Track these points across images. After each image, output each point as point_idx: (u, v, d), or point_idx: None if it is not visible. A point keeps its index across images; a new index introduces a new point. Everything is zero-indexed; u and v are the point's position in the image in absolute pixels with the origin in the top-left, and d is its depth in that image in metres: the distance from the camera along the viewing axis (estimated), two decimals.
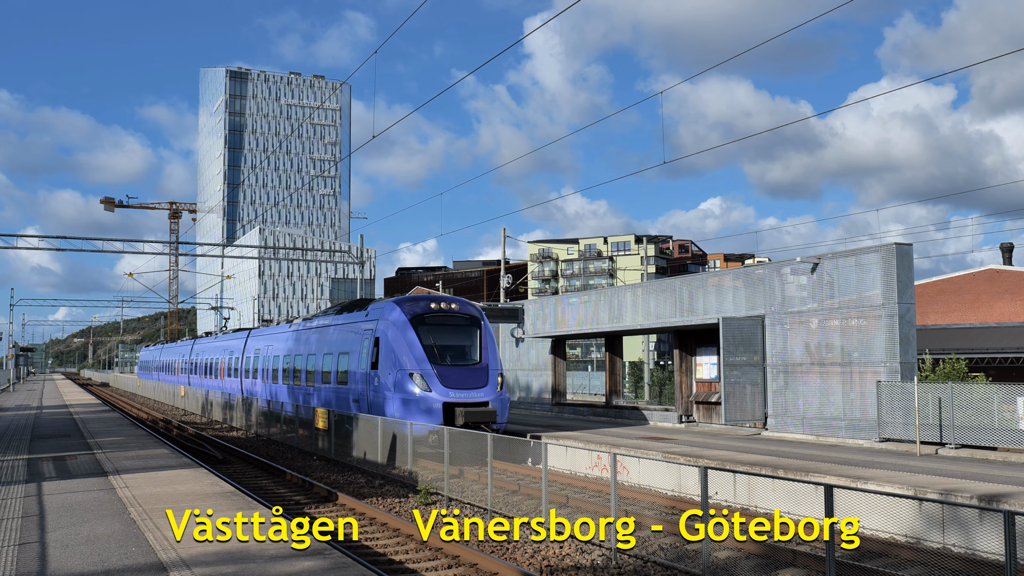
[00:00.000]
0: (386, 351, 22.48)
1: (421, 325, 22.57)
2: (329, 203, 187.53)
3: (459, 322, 23.47)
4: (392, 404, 21.83)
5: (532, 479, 19.38)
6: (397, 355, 22.08)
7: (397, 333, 22.44)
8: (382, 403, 22.22)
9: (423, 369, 21.69)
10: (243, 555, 9.14)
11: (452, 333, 23.17)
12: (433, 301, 23.50)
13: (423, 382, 21.49)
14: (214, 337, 48.66)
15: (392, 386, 21.95)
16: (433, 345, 22.34)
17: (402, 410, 21.47)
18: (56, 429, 26.19)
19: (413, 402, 21.38)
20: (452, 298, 24.35)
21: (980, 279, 45.89)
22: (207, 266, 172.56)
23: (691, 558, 11.79)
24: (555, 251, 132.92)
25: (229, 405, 37.02)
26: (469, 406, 21.36)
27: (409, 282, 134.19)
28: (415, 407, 21.28)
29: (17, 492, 13.65)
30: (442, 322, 23.17)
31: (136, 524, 10.89)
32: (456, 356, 22.73)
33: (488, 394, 21.97)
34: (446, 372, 21.86)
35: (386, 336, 22.67)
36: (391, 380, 22.06)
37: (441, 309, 23.37)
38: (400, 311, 22.87)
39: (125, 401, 60.43)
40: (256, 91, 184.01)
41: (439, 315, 23.21)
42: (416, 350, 21.98)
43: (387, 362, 22.30)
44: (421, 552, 12.56)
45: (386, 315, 23.16)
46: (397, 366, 21.97)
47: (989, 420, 18.96)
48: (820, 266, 22.67)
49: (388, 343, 22.51)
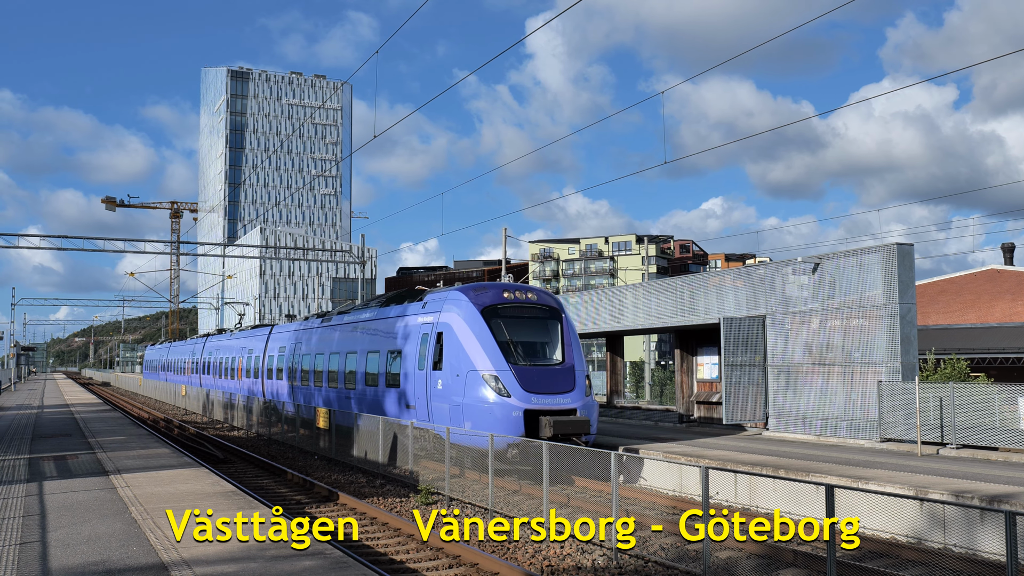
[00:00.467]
0: (452, 349, 19.38)
1: (494, 318, 19.37)
2: (330, 203, 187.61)
3: (537, 314, 20.22)
4: (459, 411, 18.76)
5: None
6: (467, 353, 18.92)
7: (466, 327, 19.27)
8: (446, 409, 19.22)
9: (499, 370, 18.48)
10: (244, 555, 9.15)
11: (530, 327, 20.01)
12: (506, 290, 20.35)
13: (499, 385, 18.32)
14: (228, 334, 45.62)
15: (460, 390, 18.84)
16: (509, 341, 19.10)
17: (472, 418, 18.39)
18: (57, 428, 26.22)
19: (486, 409, 18.18)
20: (527, 286, 21.21)
21: (981, 279, 45.88)
22: (208, 265, 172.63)
23: (692, 558, 11.79)
24: (556, 251, 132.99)
25: (230, 405, 36.99)
26: (555, 414, 18.28)
27: (410, 282, 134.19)
28: (488, 415, 18.13)
29: (18, 491, 13.66)
30: (517, 314, 19.96)
31: (137, 524, 10.90)
32: (536, 355, 19.62)
33: (576, 399, 18.80)
34: (526, 374, 18.67)
35: (451, 331, 19.55)
36: (458, 383, 18.97)
37: (516, 300, 20.17)
38: (469, 301, 19.69)
39: (126, 400, 60.46)
40: (257, 91, 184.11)
41: (514, 306, 20.04)
42: (490, 347, 18.75)
43: (453, 361, 19.21)
44: (422, 552, 12.56)
45: (451, 306, 19.98)
46: (466, 366, 18.83)
47: (990, 420, 18.95)
48: (821, 266, 22.66)
49: (454, 339, 19.40)
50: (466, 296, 19.93)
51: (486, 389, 18.34)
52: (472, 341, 18.99)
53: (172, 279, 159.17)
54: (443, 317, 20.04)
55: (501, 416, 18.00)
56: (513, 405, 18.09)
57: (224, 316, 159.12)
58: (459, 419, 18.65)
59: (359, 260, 47.65)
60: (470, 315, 19.47)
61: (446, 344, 19.61)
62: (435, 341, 20.00)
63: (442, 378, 19.52)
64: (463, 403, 18.63)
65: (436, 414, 19.58)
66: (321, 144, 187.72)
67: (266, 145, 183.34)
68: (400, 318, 22.55)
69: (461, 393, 18.77)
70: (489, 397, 18.26)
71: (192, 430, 31.96)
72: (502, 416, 17.99)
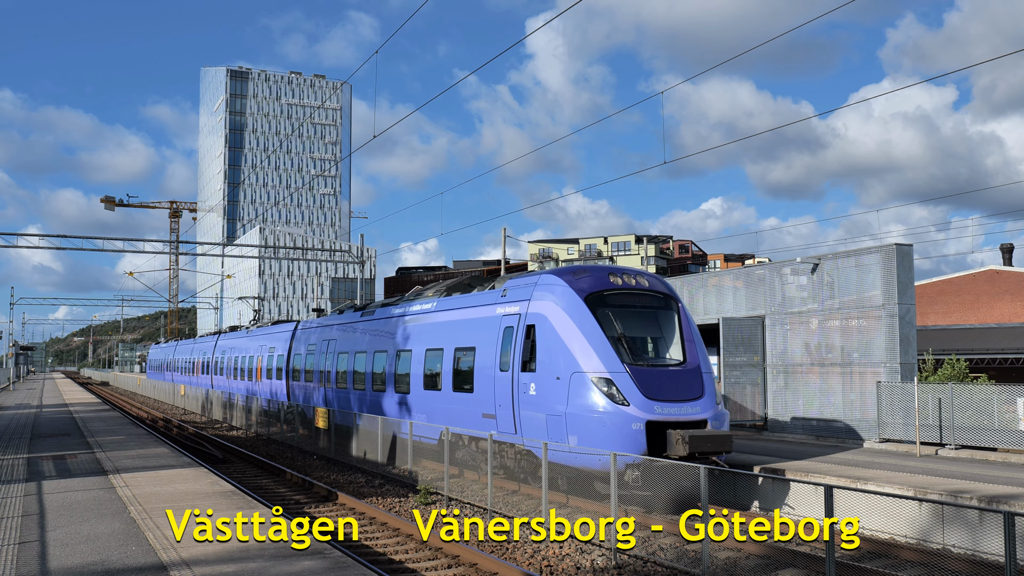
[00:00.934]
0: (548, 345, 16.16)
1: (600, 307, 16.21)
2: (329, 202, 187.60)
3: (651, 303, 17.08)
4: (560, 423, 15.51)
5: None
6: (569, 351, 15.69)
7: (566, 319, 16.04)
8: (540, 420, 15.96)
9: (613, 372, 15.26)
10: (243, 555, 9.14)
11: (643, 319, 16.90)
12: (611, 273, 17.16)
13: (614, 390, 15.06)
14: (244, 332, 41.49)
15: (561, 396, 15.60)
16: (621, 336, 15.94)
17: (579, 431, 15.16)
18: (56, 428, 26.20)
19: (596, 420, 14.94)
20: (636, 269, 18.01)
21: (980, 280, 45.91)
22: (207, 265, 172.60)
23: (692, 558, 11.79)
24: (555, 251, 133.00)
25: (230, 404, 36.96)
26: (684, 426, 15.23)
27: (409, 281, 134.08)
28: (599, 428, 14.92)
29: (17, 491, 13.65)
30: (628, 303, 16.79)
31: (136, 523, 10.89)
32: (653, 353, 16.64)
33: (706, 408, 15.64)
34: (646, 376, 15.44)
35: (547, 324, 16.33)
36: (558, 388, 15.71)
37: (626, 285, 16.97)
38: (568, 287, 16.46)
39: (125, 400, 60.44)
40: (257, 90, 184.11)
41: (623, 293, 16.85)
42: (599, 344, 15.56)
43: (551, 361, 16.00)
44: (421, 552, 12.56)
45: (544, 293, 16.84)
46: (569, 367, 15.57)
47: (989, 421, 18.97)
48: (820, 266, 22.67)
49: (551, 334, 16.18)
50: (564, 281, 16.70)
51: (597, 395, 15.11)
52: (576, 336, 15.77)
53: (171, 279, 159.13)
54: (534, 307, 16.85)
55: (617, 429, 14.78)
56: (632, 415, 14.85)
57: (224, 315, 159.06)
58: (559, 432, 15.45)
59: (358, 260, 47.64)
60: (571, 304, 16.19)
61: (540, 340, 16.38)
62: (523, 336, 16.76)
63: (535, 382, 16.25)
64: (566, 413, 15.36)
65: (527, 425, 16.32)
66: (320, 144, 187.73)
67: (265, 145, 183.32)
68: (469, 309, 19.39)
69: (563, 400, 15.53)
70: (601, 405, 15.02)
71: (191, 430, 31.95)
72: (618, 429, 14.78)
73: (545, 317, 16.43)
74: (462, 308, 19.76)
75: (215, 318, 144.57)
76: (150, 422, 37.13)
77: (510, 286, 18.22)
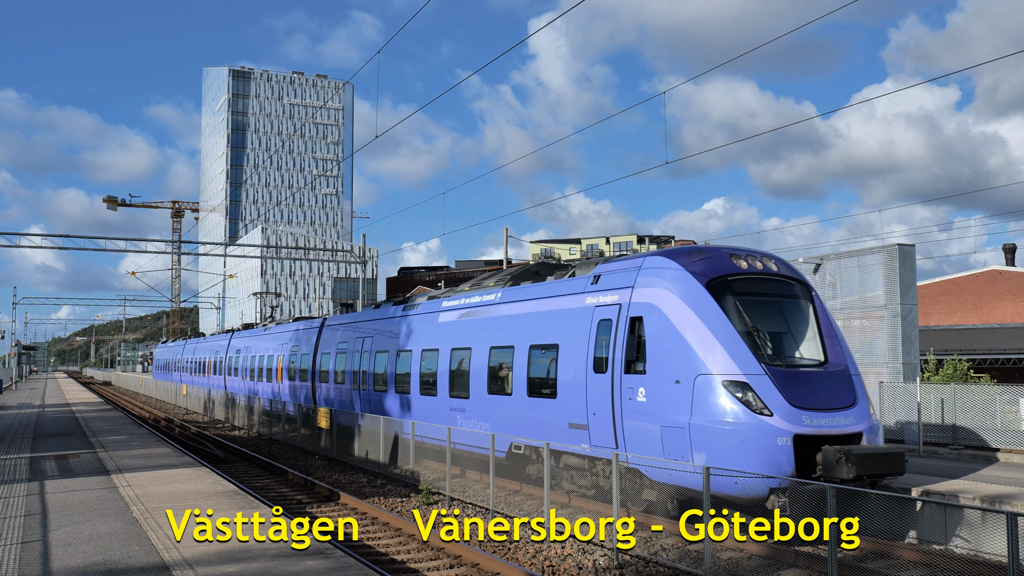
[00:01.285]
0: (663, 342, 13.45)
1: (725, 295, 13.56)
2: (332, 202, 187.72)
3: (782, 290, 14.44)
4: (680, 437, 12.91)
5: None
6: (691, 348, 13.03)
7: (685, 310, 13.33)
8: (653, 433, 13.32)
9: (750, 374, 12.63)
10: (246, 555, 9.15)
11: (775, 310, 14.17)
12: (734, 254, 14.38)
13: (751, 397, 12.43)
14: (262, 330, 38.29)
15: (682, 403, 12.94)
16: (753, 331, 13.31)
17: (708, 446, 12.55)
18: (58, 428, 26.23)
19: (730, 433, 12.35)
20: (762, 252, 15.01)
21: (983, 280, 45.85)
22: (209, 265, 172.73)
23: (694, 558, 11.78)
24: (557, 251, 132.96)
25: (232, 404, 36.99)
26: (839, 441, 12.70)
27: (411, 281, 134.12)
28: (734, 442, 12.32)
29: (20, 491, 13.67)
30: (757, 291, 14.15)
31: (138, 523, 10.90)
32: (792, 351, 13.82)
33: (861, 419, 13.05)
34: (789, 379, 12.81)
35: (659, 316, 13.60)
36: (678, 394, 13.02)
37: (752, 269, 14.22)
38: (686, 272, 13.72)
39: (127, 400, 60.50)
40: (259, 90, 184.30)
41: (751, 279, 14.17)
42: (730, 340, 12.90)
43: (667, 361, 13.32)
44: (423, 552, 12.57)
45: (654, 278, 14.07)
46: (693, 368, 12.93)
47: (992, 421, 18.95)
48: (822, 267, 22.65)
49: (667, 328, 13.44)
50: (678, 263, 13.95)
51: (730, 402, 12.46)
52: (699, 330, 13.10)
53: (173, 278, 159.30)
54: (641, 295, 14.14)
55: (757, 444, 12.18)
56: (776, 427, 12.19)
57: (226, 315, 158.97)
58: (679, 447, 12.93)
59: (360, 260, 47.69)
60: (691, 291, 13.49)
61: (651, 335, 13.65)
62: (626, 331, 14.10)
63: (645, 386, 13.54)
64: (690, 424, 12.77)
65: (632, 438, 13.76)
66: (323, 144, 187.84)
67: (267, 145, 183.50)
68: (548, 300, 16.73)
69: (683, 408, 12.92)
70: (736, 415, 12.38)
71: (193, 430, 31.98)
72: (758, 444, 12.17)
73: (657, 308, 13.69)
74: (537, 299, 17.09)
75: (217, 318, 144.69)
76: (152, 422, 37.17)
77: (604, 272, 15.48)
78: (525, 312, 17.29)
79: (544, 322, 16.52)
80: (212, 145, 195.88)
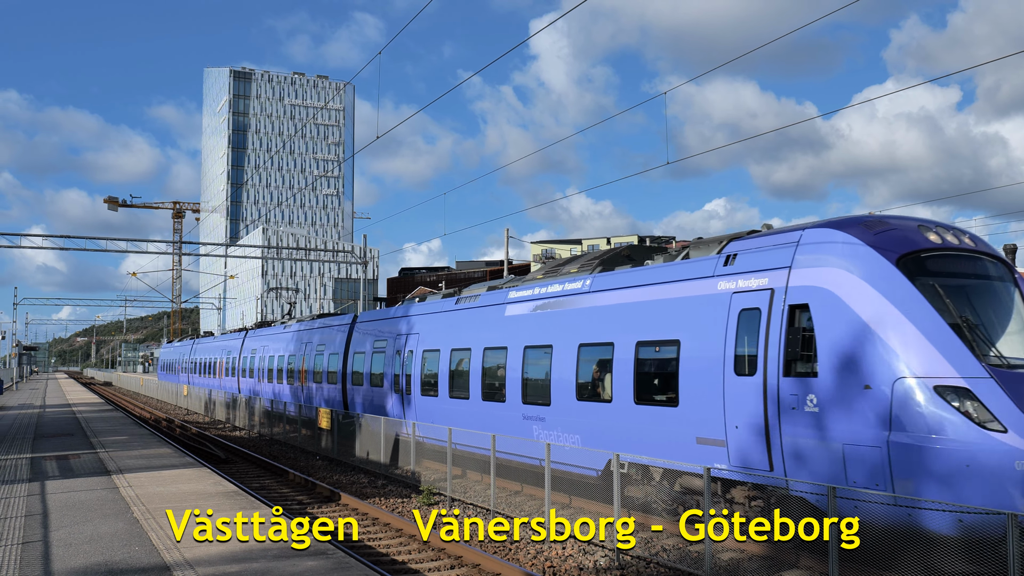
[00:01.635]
0: (842, 336, 10.80)
1: (921, 277, 10.93)
2: (332, 203, 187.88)
3: (985, 271, 11.80)
4: (875, 457, 10.27)
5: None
6: (885, 344, 10.40)
7: (872, 295, 10.76)
8: (834, 451, 10.63)
9: (969, 376, 10.04)
10: (247, 555, 9.15)
11: (980, 296, 11.48)
12: (922, 226, 11.80)
13: (972, 407, 9.87)
14: (280, 328, 35.32)
15: (876, 416, 10.28)
16: (963, 322, 10.69)
17: (914, 470, 9.98)
18: (59, 428, 26.25)
19: (948, 454, 9.75)
20: (952, 225, 12.33)
21: None
22: (210, 266, 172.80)
23: (694, 559, 11.78)
24: (558, 251, 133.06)
25: (233, 404, 37.01)
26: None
27: (412, 282, 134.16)
28: (955, 466, 9.75)
29: (20, 491, 13.68)
30: (956, 270, 11.51)
31: (139, 523, 10.91)
32: (1011, 349, 11.08)
33: None
34: (1019, 385, 10.20)
35: (835, 303, 10.97)
36: (870, 402, 10.38)
37: (948, 244, 11.57)
38: (868, 247, 11.08)
39: (128, 400, 60.52)
40: (260, 91, 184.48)
41: (948, 256, 11.52)
42: (938, 333, 10.32)
43: (851, 360, 10.68)
44: (424, 553, 12.57)
45: (824, 256, 11.35)
46: (889, 369, 10.29)
47: None
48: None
49: (847, 317, 10.81)
50: (855, 236, 11.27)
51: (946, 414, 9.82)
52: (895, 321, 10.47)
53: (174, 279, 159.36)
54: (803, 277, 11.45)
55: (989, 469, 9.60)
56: (1014, 448, 9.58)
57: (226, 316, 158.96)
58: (873, 471, 10.30)
59: (361, 260, 47.69)
60: (877, 270, 10.90)
61: (822, 328, 11.00)
62: (784, 323, 11.41)
63: (817, 392, 10.88)
64: (889, 442, 10.10)
65: (796, 458, 11.14)
66: (323, 144, 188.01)
67: (268, 145, 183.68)
68: (658, 287, 13.99)
69: (877, 421, 10.26)
70: (957, 431, 9.75)
71: (194, 430, 31.99)
72: (991, 469, 9.60)
73: (830, 293, 11.03)
74: (643, 286, 14.32)
75: (218, 318, 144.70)
76: (153, 422, 37.18)
77: (741, 250, 12.71)
78: (627, 302, 14.50)
79: (656, 313, 13.77)
80: (213, 146, 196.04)
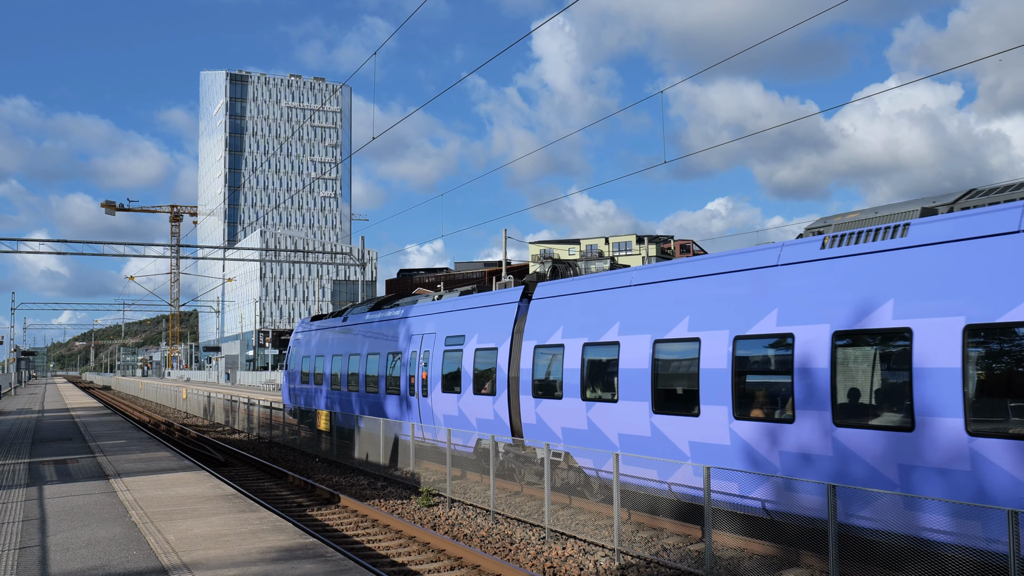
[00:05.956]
0: None
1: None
2: (330, 205, 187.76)
3: None
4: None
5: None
6: None
7: None
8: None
9: None
10: (245, 558, 9.10)
11: None
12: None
13: None
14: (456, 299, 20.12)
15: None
16: None
17: None
18: (57, 432, 26.17)
19: None
20: None
21: None
22: (208, 269, 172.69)
23: (695, 559, 11.74)
24: (557, 251, 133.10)
25: (232, 408, 36.96)
26: None
27: (411, 283, 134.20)
28: None
29: (18, 496, 13.61)
30: None
31: (137, 527, 10.85)
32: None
33: None
34: None
35: None
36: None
37: None
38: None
39: (127, 404, 60.43)
40: (256, 93, 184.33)
41: None
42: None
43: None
44: (424, 554, 12.51)
45: None
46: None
47: None
48: None
49: None
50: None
51: None
52: None
53: (172, 282, 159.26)
54: None
55: None
56: None
57: (225, 317, 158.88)
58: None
59: (359, 262, 47.62)
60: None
61: None
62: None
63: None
64: None
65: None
66: (321, 146, 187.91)
67: (265, 148, 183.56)
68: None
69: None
70: None
71: (193, 434, 31.92)
72: None
73: None
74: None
75: (216, 321, 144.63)
76: (152, 426, 37.11)
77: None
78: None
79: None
80: (210, 149, 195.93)
